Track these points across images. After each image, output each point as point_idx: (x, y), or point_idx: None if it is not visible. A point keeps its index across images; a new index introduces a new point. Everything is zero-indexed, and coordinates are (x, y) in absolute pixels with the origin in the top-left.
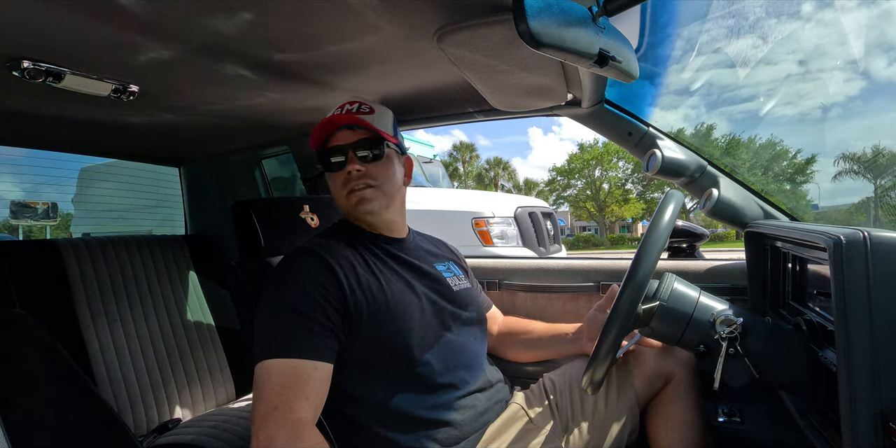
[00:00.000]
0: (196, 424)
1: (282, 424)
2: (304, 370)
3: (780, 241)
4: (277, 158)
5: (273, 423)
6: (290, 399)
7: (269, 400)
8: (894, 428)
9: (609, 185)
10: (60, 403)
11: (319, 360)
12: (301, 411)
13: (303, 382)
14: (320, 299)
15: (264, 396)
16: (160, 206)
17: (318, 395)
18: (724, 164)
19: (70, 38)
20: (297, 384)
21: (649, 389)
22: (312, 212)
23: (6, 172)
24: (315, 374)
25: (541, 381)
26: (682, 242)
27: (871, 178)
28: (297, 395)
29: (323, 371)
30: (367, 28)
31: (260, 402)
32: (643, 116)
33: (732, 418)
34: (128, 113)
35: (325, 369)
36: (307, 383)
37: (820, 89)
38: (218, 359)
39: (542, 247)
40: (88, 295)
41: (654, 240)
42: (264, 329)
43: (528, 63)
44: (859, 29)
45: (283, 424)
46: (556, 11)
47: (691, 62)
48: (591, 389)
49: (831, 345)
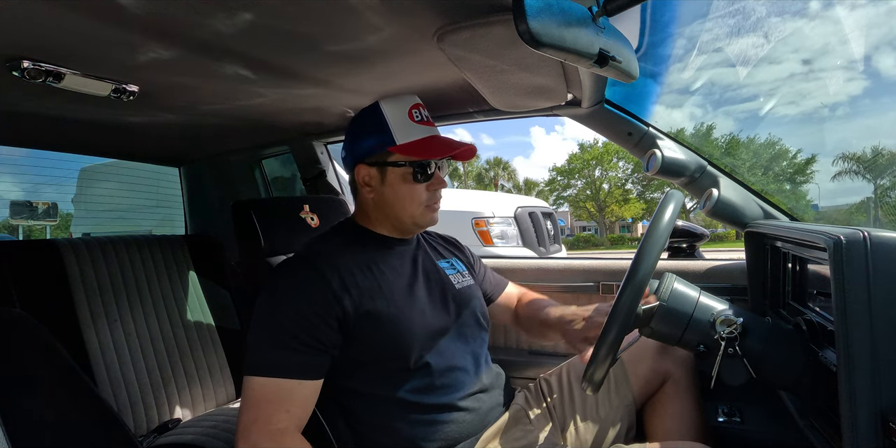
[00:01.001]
0: (196, 424)
1: (263, 435)
2: (286, 387)
3: (780, 241)
4: (277, 158)
5: (254, 434)
6: (269, 413)
7: (251, 413)
8: (894, 428)
9: (609, 185)
10: (60, 403)
11: (304, 378)
12: (280, 423)
13: (284, 398)
14: (312, 317)
15: (246, 409)
16: (160, 206)
17: (301, 408)
18: (724, 164)
19: (70, 38)
20: (278, 400)
21: (646, 389)
22: (312, 211)
23: (6, 172)
24: (299, 389)
25: (538, 382)
26: (682, 242)
27: (871, 178)
28: (278, 409)
29: (307, 387)
30: (367, 28)
31: (243, 414)
32: (643, 116)
33: (732, 418)
34: (128, 113)
35: (311, 385)
36: (289, 399)
37: (821, 89)
38: (218, 359)
39: (542, 247)
40: (88, 295)
41: (654, 240)
42: (254, 345)
43: (528, 63)
44: (862, 27)
45: (264, 435)
46: (556, 11)
47: (692, 61)
48: (591, 389)
49: (831, 345)
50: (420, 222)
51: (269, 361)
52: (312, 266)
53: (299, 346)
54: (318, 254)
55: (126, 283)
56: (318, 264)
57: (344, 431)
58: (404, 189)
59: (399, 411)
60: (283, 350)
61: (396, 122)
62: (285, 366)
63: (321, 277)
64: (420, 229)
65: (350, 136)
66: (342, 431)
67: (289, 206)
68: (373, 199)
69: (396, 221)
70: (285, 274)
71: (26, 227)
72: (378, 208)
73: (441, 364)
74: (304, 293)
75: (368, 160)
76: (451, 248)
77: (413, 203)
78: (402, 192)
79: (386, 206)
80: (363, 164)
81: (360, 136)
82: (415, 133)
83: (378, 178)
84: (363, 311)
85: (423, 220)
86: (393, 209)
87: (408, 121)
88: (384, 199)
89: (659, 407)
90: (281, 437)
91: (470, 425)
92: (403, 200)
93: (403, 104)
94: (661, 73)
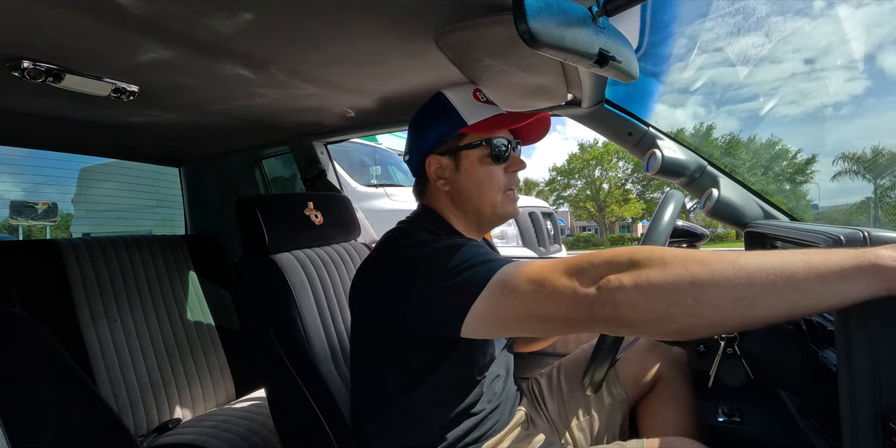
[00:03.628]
0: (196, 424)
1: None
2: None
3: (780, 241)
4: (277, 158)
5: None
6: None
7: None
8: (894, 428)
9: (609, 185)
10: (60, 403)
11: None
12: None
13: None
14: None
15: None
16: (160, 206)
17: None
18: (724, 164)
19: (70, 38)
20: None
21: (639, 388)
22: (316, 209)
23: (6, 172)
24: None
25: (530, 384)
26: (682, 242)
27: (871, 178)
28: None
29: None
30: (368, 28)
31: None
32: (643, 116)
33: (732, 418)
34: (128, 113)
35: None
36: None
37: (821, 88)
38: (218, 359)
39: (542, 247)
40: (88, 295)
41: (654, 240)
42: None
43: (528, 63)
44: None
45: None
46: (556, 11)
47: (692, 61)
48: (591, 390)
49: (831, 345)
50: (501, 211)
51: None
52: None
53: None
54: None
55: (126, 283)
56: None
57: (346, 434)
58: (482, 172)
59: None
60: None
61: (464, 104)
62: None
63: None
64: (501, 221)
65: (415, 130)
66: (342, 430)
67: (293, 203)
68: (448, 193)
69: (476, 214)
70: (446, 244)
71: (26, 227)
72: (455, 202)
73: (490, 374)
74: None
75: (439, 150)
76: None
77: (493, 187)
78: (481, 176)
79: (463, 196)
80: (434, 155)
81: (428, 127)
82: (485, 111)
83: (452, 166)
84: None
85: (503, 209)
86: (471, 199)
87: (475, 102)
88: (460, 188)
89: (651, 406)
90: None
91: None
92: (483, 185)
93: (467, 88)
94: (662, 72)
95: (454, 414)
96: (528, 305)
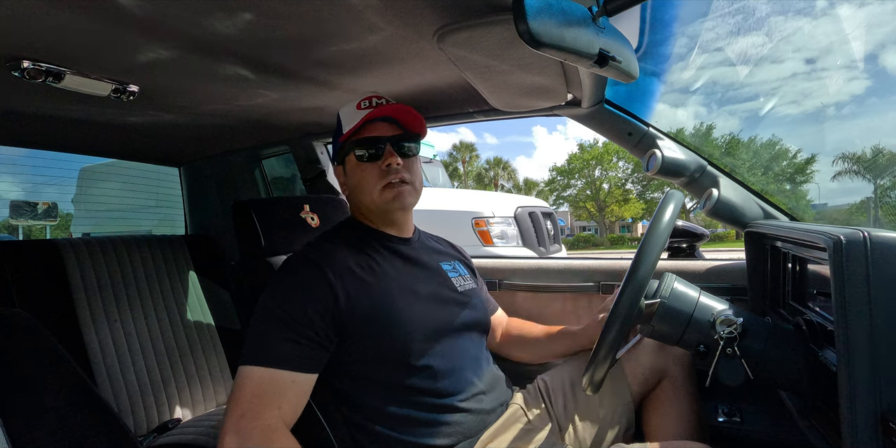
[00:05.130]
0: (196, 424)
1: (251, 431)
2: (280, 380)
3: (780, 241)
4: (277, 158)
5: (243, 429)
6: (259, 408)
7: (240, 407)
8: (894, 428)
9: (609, 185)
10: (60, 404)
11: (299, 371)
12: (270, 419)
13: (276, 393)
14: (310, 311)
15: (236, 403)
16: (160, 206)
17: (292, 405)
18: (724, 164)
19: (70, 38)
20: (270, 394)
21: (644, 387)
22: (313, 211)
23: (6, 172)
24: (292, 385)
25: (535, 383)
26: (682, 242)
27: (871, 178)
28: (269, 404)
29: (301, 382)
30: (367, 28)
31: (232, 408)
32: (643, 116)
33: (732, 418)
34: (128, 113)
35: (305, 380)
36: (281, 394)
37: (822, 88)
38: (218, 359)
39: (542, 247)
40: (88, 295)
41: (654, 240)
42: (252, 335)
43: (528, 63)
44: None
45: (252, 431)
46: (556, 11)
47: (693, 61)
48: (591, 389)
49: (831, 345)
50: (382, 205)
51: (266, 351)
52: (313, 263)
53: (298, 338)
54: (320, 251)
55: (126, 283)
56: (319, 262)
57: (344, 433)
58: (357, 172)
59: (400, 412)
60: (281, 341)
61: (346, 115)
62: (282, 356)
63: (321, 274)
64: (393, 212)
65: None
66: (342, 431)
67: (289, 206)
68: (348, 197)
69: (368, 211)
70: (288, 271)
71: (26, 227)
72: (352, 203)
73: (442, 366)
74: (305, 290)
75: (337, 161)
76: (455, 252)
77: (369, 184)
78: (357, 176)
79: (353, 197)
80: (336, 167)
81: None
82: (357, 117)
83: (343, 173)
84: (363, 310)
85: (383, 200)
86: (357, 198)
87: (354, 111)
88: (352, 191)
89: (657, 406)
90: (270, 434)
91: (470, 426)
92: (360, 184)
93: (355, 100)
94: (662, 72)
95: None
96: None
